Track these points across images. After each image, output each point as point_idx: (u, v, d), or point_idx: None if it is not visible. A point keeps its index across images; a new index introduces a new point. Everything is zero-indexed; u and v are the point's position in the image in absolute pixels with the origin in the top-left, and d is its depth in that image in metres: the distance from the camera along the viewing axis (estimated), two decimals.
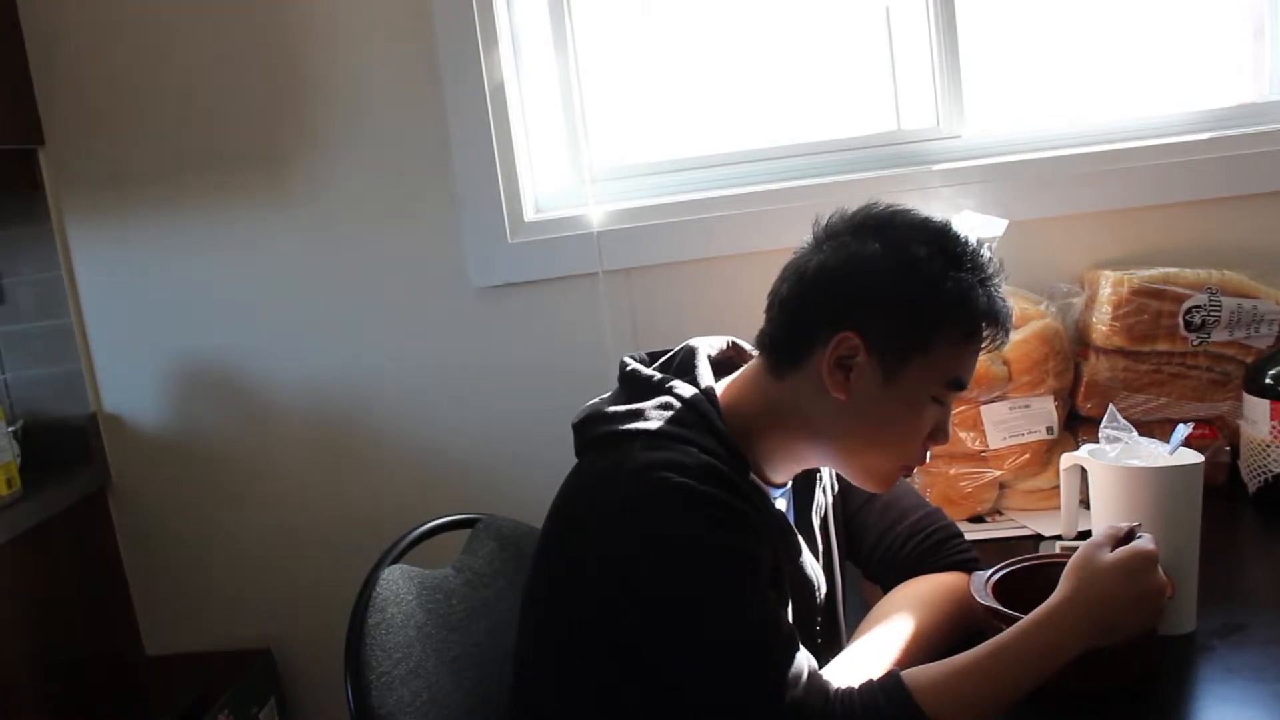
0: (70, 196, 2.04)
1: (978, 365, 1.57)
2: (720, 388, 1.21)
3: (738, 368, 1.25)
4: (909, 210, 1.17)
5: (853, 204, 1.19)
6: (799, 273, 1.16)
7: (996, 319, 1.14)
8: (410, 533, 1.46)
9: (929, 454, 1.19)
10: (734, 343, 1.31)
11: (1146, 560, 1.10)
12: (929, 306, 1.12)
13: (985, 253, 1.16)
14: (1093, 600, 1.08)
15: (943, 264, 1.12)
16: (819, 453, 1.20)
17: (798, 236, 1.20)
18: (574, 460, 1.22)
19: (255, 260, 2.02)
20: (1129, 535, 1.14)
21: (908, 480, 1.43)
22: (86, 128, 2.01)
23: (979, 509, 1.66)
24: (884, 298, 1.12)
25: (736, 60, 2.05)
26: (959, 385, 1.16)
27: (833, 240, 1.16)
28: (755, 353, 1.22)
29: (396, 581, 1.37)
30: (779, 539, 1.18)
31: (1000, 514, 1.67)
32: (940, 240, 1.14)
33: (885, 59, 2.01)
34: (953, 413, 1.21)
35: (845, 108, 2.03)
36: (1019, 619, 1.09)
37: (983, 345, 1.16)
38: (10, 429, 1.94)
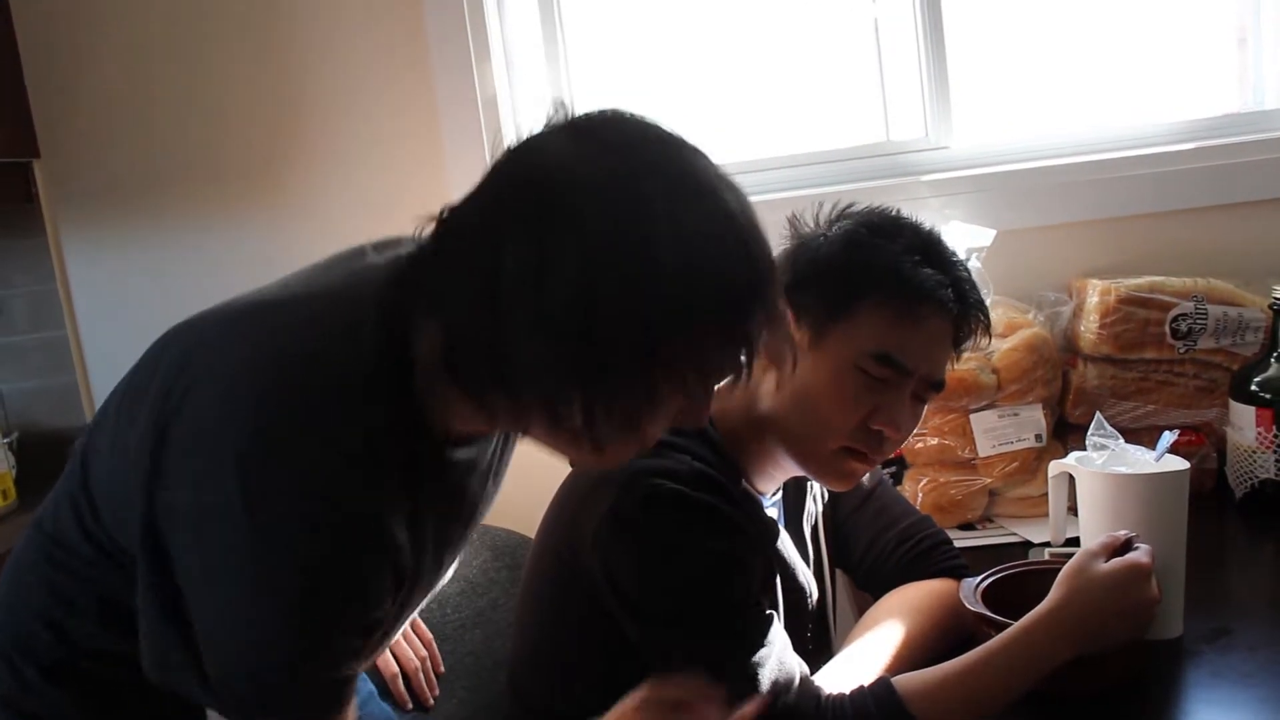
0: (65, 209, 2.05)
1: (967, 376, 1.60)
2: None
3: None
4: (876, 206, 1.20)
5: None
6: None
7: (930, 295, 1.12)
8: None
9: (882, 444, 1.15)
10: None
11: (1140, 573, 1.10)
12: (848, 272, 1.14)
13: (938, 238, 1.17)
14: (1083, 609, 1.09)
15: (868, 234, 1.15)
16: (779, 450, 1.19)
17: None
18: (567, 470, 1.23)
19: (249, 272, 2.01)
20: (1126, 545, 1.15)
21: (896, 489, 1.45)
22: (81, 140, 2.02)
23: (969, 516, 1.67)
24: (812, 270, 1.15)
25: (726, 72, 2.06)
26: (888, 360, 1.12)
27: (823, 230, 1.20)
28: None
29: None
30: (770, 546, 1.20)
31: (990, 521, 1.68)
32: (876, 218, 1.17)
33: (874, 70, 2.02)
34: (920, 414, 1.19)
35: (834, 119, 2.05)
36: (1009, 625, 1.10)
37: (943, 329, 1.15)
38: (5, 441, 1.95)
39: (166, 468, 0.85)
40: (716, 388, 1.16)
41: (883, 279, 1.13)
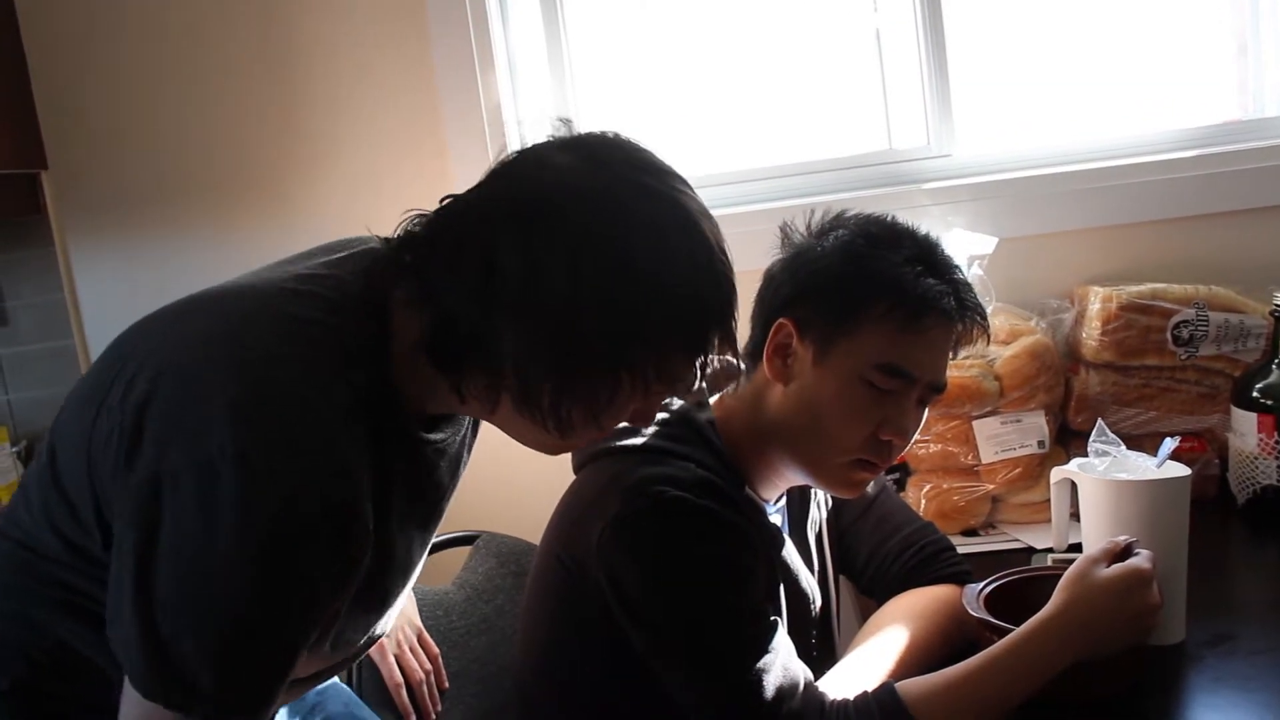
0: (72, 220, 2.06)
1: (970, 383, 1.61)
2: (714, 402, 1.23)
3: None
4: (870, 214, 1.21)
5: None
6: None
7: (934, 304, 1.13)
8: None
9: (891, 452, 1.17)
10: None
11: (1141, 578, 1.11)
12: (852, 285, 1.15)
13: (936, 245, 1.18)
14: (1085, 615, 1.09)
15: (867, 245, 1.16)
16: (784, 460, 1.20)
17: None
18: (571, 477, 1.24)
19: None
20: (1126, 550, 1.15)
21: (899, 495, 1.45)
22: (89, 152, 2.03)
23: (972, 522, 1.68)
24: (814, 283, 1.17)
25: (728, 81, 2.08)
26: (895, 371, 1.14)
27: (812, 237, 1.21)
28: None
29: None
30: (773, 552, 1.20)
31: (993, 527, 1.69)
32: (874, 227, 1.18)
33: (875, 79, 2.03)
34: (923, 417, 1.20)
35: (836, 128, 2.06)
36: (1011, 631, 1.11)
37: (945, 335, 1.16)
38: (14, 450, 1.96)
39: (153, 434, 0.85)
40: (704, 393, 1.17)
41: (886, 291, 1.13)
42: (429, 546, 1.12)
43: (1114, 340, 1.69)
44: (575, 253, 0.88)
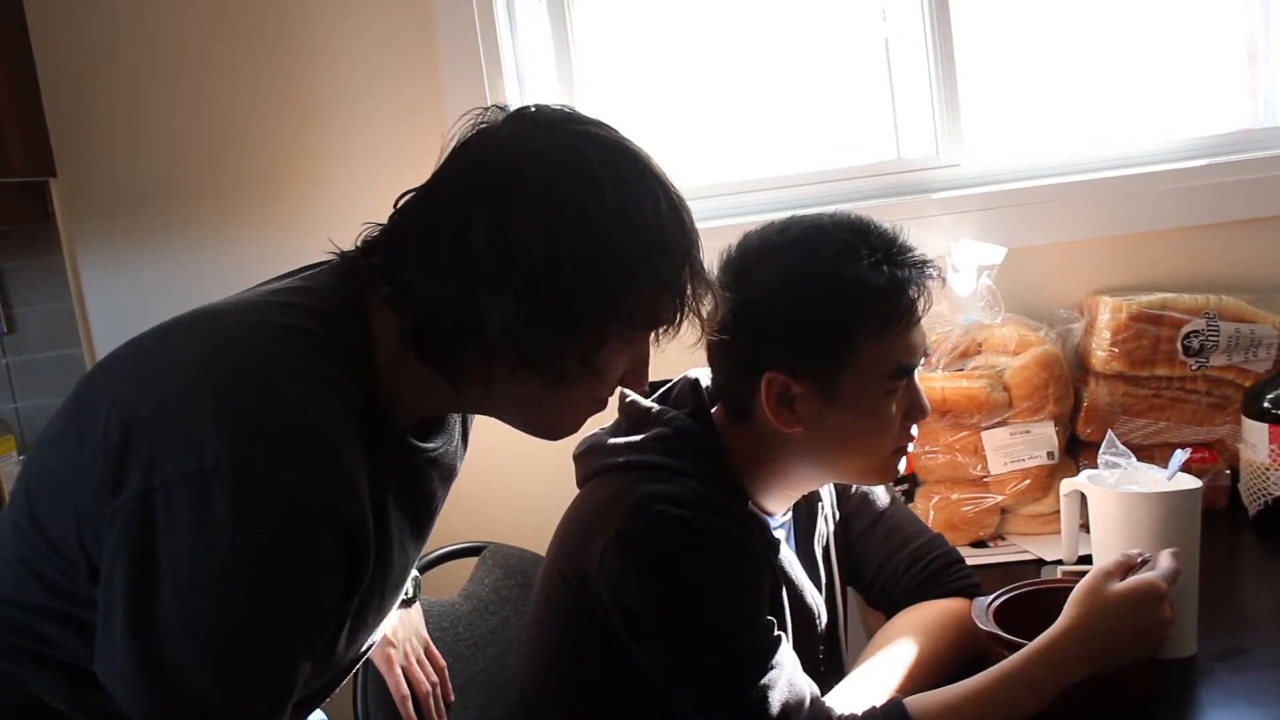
0: (81, 227, 2.07)
1: (979, 393, 1.61)
2: (716, 419, 1.23)
3: None
4: (780, 231, 1.17)
5: None
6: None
7: (906, 292, 1.13)
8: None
9: (915, 430, 1.21)
10: None
11: (1155, 594, 1.10)
12: (832, 317, 1.13)
13: (869, 224, 1.16)
14: (1097, 630, 1.08)
15: (821, 264, 1.12)
16: (810, 474, 1.22)
17: None
18: (576, 490, 1.24)
19: None
20: (1142, 563, 1.15)
21: (907, 507, 1.45)
22: (97, 160, 2.04)
23: (981, 534, 1.67)
24: (788, 327, 1.14)
25: (736, 91, 2.07)
26: (905, 370, 1.16)
27: (728, 287, 1.09)
28: None
29: None
30: (777, 568, 1.20)
31: (1002, 539, 1.68)
32: (818, 245, 1.14)
33: (884, 89, 2.03)
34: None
35: (845, 137, 2.06)
36: (1022, 645, 1.10)
37: (913, 314, 1.15)
38: (22, 457, 1.96)
39: (142, 451, 0.84)
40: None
41: (866, 307, 1.12)
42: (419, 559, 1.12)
43: (1124, 351, 1.68)
44: (543, 213, 0.89)
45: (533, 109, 0.97)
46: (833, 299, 1.13)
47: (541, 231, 0.88)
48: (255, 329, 0.91)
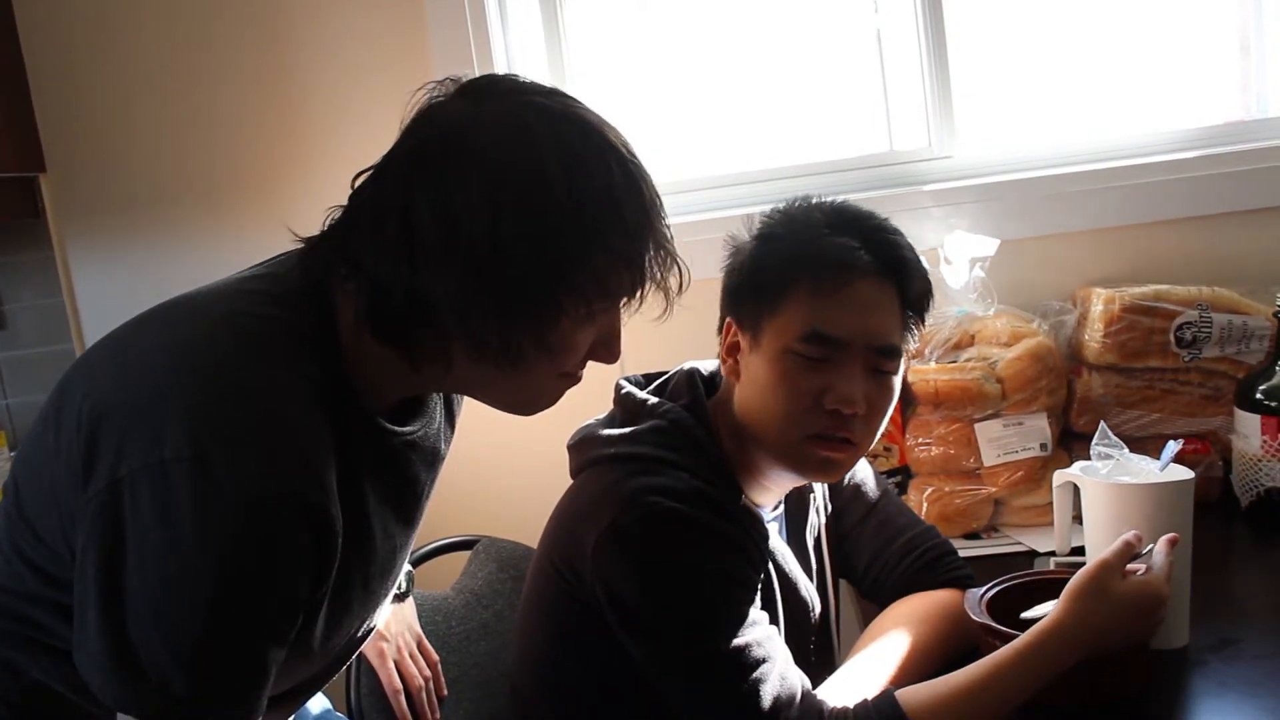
0: (71, 223, 2.06)
1: (972, 385, 1.61)
2: (713, 411, 1.23)
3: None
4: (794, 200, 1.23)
5: None
6: None
7: (842, 261, 1.13)
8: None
9: (846, 423, 1.14)
10: None
11: (1158, 600, 1.10)
12: (768, 266, 1.17)
13: (846, 206, 1.19)
14: (1095, 627, 1.08)
15: (778, 226, 1.19)
16: (761, 457, 1.19)
17: None
18: (569, 482, 1.24)
19: None
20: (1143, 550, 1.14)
21: (900, 499, 1.44)
22: (87, 155, 2.03)
23: (974, 526, 1.67)
24: (740, 276, 1.20)
25: (728, 83, 2.07)
26: (819, 338, 1.13)
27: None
28: None
29: None
30: (769, 560, 1.20)
31: (995, 530, 1.68)
32: (788, 207, 1.20)
33: (877, 80, 2.03)
34: (891, 387, 1.19)
35: (837, 129, 2.05)
36: (1015, 636, 1.10)
37: (870, 291, 1.14)
38: (12, 454, 1.95)
39: (110, 443, 0.84)
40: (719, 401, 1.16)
41: (795, 263, 1.14)
42: (410, 546, 1.11)
43: (1116, 342, 1.68)
44: (485, 187, 0.87)
45: (484, 80, 0.95)
46: (774, 251, 1.17)
47: (483, 206, 0.87)
48: (220, 318, 0.91)
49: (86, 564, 0.84)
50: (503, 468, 2.02)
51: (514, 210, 0.87)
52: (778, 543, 1.24)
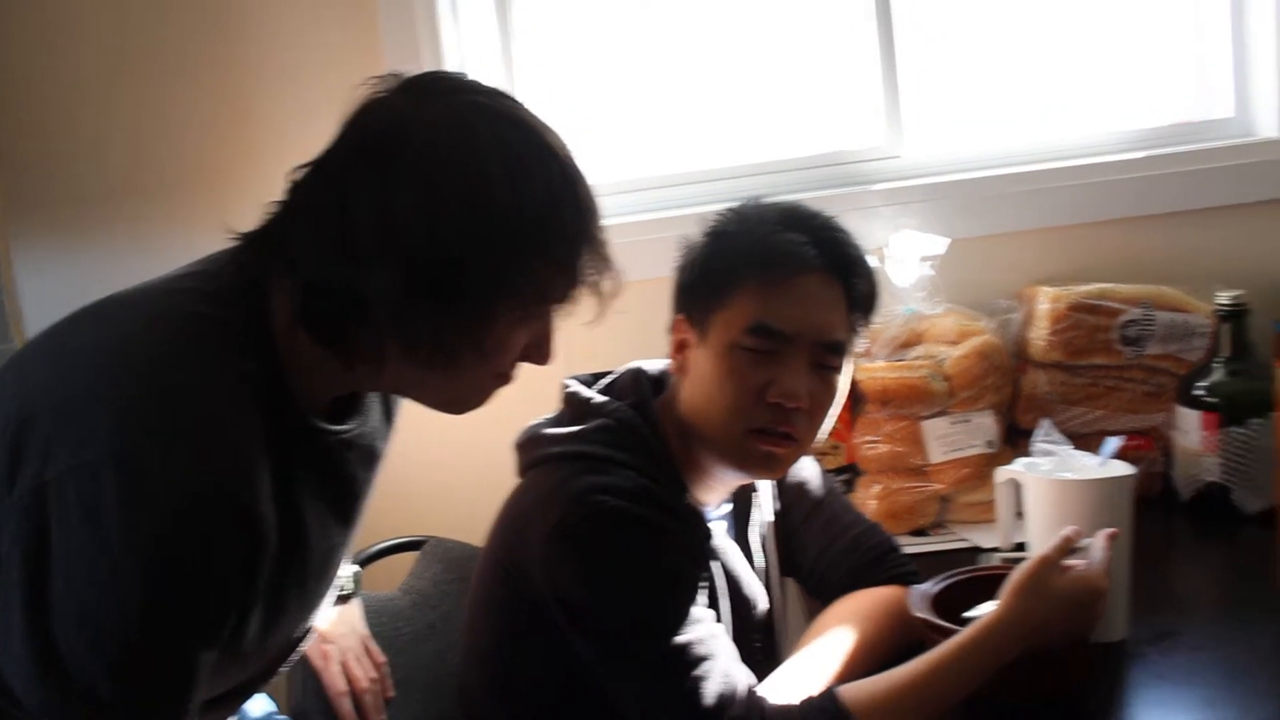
0: (15, 221, 2.02)
1: (919, 383, 1.62)
2: (659, 411, 1.23)
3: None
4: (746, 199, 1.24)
5: None
6: None
7: (791, 255, 1.14)
8: (356, 555, 1.46)
9: (788, 417, 1.15)
10: None
11: (1097, 594, 1.11)
12: (716, 261, 1.18)
13: (799, 206, 1.21)
14: (1035, 621, 1.09)
15: (729, 223, 1.20)
16: (704, 454, 1.19)
17: None
18: (516, 482, 1.23)
19: None
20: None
21: (846, 497, 1.45)
22: (33, 152, 1.99)
23: (921, 523, 1.68)
24: (689, 271, 1.21)
25: (679, 82, 2.07)
26: (763, 330, 1.13)
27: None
28: None
29: None
30: (714, 558, 1.20)
31: (942, 527, 1.69)
32: (740, 206, 1.22)
33: (825, 80, 2.03)
34: (833, 383, 1.20)
35: (785, 128, 2.06)
36: (955, 631, 1.11)
37: (817, 287, 1.16)
38: None
39: (36, 446, 0.83)
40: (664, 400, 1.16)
41: (745, 258, 1.15)
42: (350, 546, 1.10)
43: (1062, 340, 1.70)
44: (422, 185, 0.86)
45: (426, 78, 0.95)
46: (723, 247, 1.18)
47: (419, 205, 0.86)
48: (151, 317, 0.90)
49: (10, 567, 0.83)
50: (450, 468, 2.00)
51: (454, 209, 0.87)
52: (723, 540, 1.24)
